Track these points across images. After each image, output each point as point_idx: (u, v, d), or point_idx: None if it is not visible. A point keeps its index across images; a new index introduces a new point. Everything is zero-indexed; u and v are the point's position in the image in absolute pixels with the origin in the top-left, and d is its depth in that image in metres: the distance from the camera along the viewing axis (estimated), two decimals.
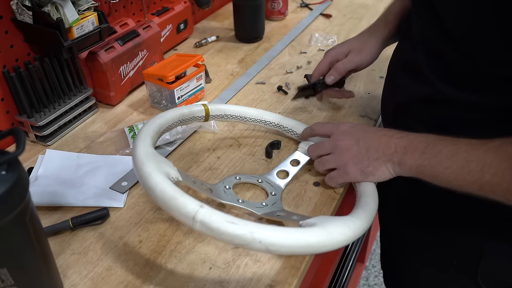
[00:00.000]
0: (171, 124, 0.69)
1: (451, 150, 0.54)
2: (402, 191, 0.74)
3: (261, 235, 0.47)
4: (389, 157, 0.60)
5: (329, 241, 0.50)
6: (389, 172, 0.61)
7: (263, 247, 0.47)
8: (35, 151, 0.81)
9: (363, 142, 0.63)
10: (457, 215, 0.66)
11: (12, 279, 0.46)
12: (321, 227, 0.51)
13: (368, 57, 0.81)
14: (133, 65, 0.95)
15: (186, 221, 0.48)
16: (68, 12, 0.77)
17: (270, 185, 0.70)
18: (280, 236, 0.48)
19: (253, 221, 0.49)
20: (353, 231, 0.52)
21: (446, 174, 0.54)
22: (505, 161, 0.50)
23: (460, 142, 0.54)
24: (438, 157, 0.55)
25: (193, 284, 0.57)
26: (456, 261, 0.68)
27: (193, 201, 0.48)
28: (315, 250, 0.50)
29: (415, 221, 0.73)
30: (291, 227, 0.50)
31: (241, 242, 0.47)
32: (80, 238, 0.63)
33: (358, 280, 1.67)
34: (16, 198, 0.44)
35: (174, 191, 0.49)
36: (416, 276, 0.78)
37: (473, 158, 0.52)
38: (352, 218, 0.54)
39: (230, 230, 0.47)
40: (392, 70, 0.75)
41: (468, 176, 0.52)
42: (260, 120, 0.81)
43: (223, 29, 1.27)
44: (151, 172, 0.52)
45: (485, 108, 0.58)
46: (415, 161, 0.57)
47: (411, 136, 0.59)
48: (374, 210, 0.60)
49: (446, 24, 0.57)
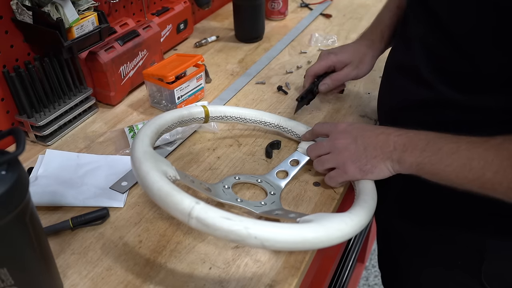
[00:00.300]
0: (170, 125, 0.70)
1: (452, 148, 0.54)
2: (401, 189, 0.74)
3: (256, 230, 0.47)
4: (388, 155, 0.60)
5: (326, 237, 0.50)
6: (388, 170, 0.61)
7: (259, 242, 0.47)
8: (35, 151, 0.81)
9: (360, 141, 0.63)
10: (458, 213, 0.66)
11: (12, 279, 0.46)
12: (318, 223, 0.51)
13: (364, 71, 0.83)
14: (133, 65, 0.95)
15: (182, 218, 0.48)
16: (68, 12, 0.77)
17: (269, 185, 0.70)
18: (275, 232, 0.48)
19: (249, 217, 0.49)
20: (350, 227, 0.52)
21: (447, 172, 0.54)
22: (506, 159, 0.50)
23: (461, 139, 0.54)
24: (438, 154, 0.55)
25: (193, 284, 0.57)
26: (461, 261, 0.68)
27: (189, 197, 0.49)
28: (311, 246, 0.50)
29: (415, 219, 0.73)
30: (288, 223, 0.50)
31: (236, 238, 0.47)
32: (80, 238, 0.63)
33: (358, 280, 1.67)
34: (16, 198, 0.44)
35: (170, 188, 0.50)
36: (417, 276, 0.77)
37: (475, 156, 0.52)
38: (349, 215, 0.54)
39: (226, 226, 0.47)
40: (388, 72, 0.75)
41: (469, 174, 0.52)
42: (260, 121, 0.81)
43: (223, 29, 1.27)
44: (148, 171, 0.52)
45: (485, 109, 0.58)
46: (415, 159, 0.57)
47: (410, 134, 0.59)
48: (373, 207, 0.59)
49: (447, 26, 0.57)
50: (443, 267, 0.71)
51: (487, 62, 0.55)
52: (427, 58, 0.62)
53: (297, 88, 0.99)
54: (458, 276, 0.70)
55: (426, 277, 0.75)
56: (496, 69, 0.55)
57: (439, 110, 0.62)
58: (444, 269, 0.71)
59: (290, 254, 0.60)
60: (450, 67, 0.60)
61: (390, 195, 0.77)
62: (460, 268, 0.69)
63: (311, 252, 0.61)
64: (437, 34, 0.60)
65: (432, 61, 0.62)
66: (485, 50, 0.55)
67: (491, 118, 0.58)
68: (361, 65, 0.82)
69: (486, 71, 0.56)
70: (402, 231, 0.77)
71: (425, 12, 0.61)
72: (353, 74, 0.83)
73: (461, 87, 0.59)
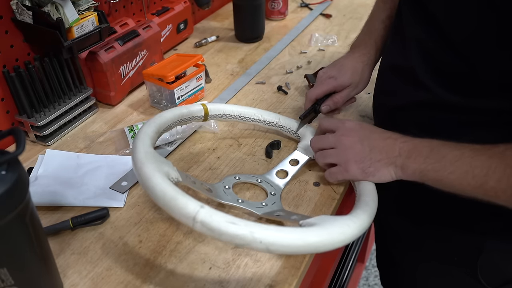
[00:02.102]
0: (170, 124, 0.69)
1: (455, 156, 0.54)
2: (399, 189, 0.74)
3: (261, 235, 0.47)
4: (392, 160, 0.60)
5: (330, 241, 0.50)
6: (390, 175, 0.61)
7: (264, 247, 0.47)
8: (35, 151, 0.81)
9: (367, 142, 0.63)
10: (455, 213, 0.66)
11: (12, 279, 0.46)
12: (321, 227, 0.51)
13: (363, 87, 0.84)
14: (133, 65, 0.95)
15: (187, 222, 0.48)
16: (68, 12, 0.77)
17: (269, 184, 0.70)
18: (280, 236, 0.48)
19: (254, 221, 0.49)
20: (353, 230, 0.52)
21: (450, 179, 0.55)
22: (509, 167, 0.50)
23: (465, 147, 0.55)
24: (442, 162, 0.55)
25: (193, 284, 0.57)
26: (457, 257, 0.69)
27: (193, 201, 0.48)
28: (315, 250, 0.50)
29: (412, 218, 0.74)
30: (292, 227, 0.50)
31: (241, 242, 0.47)
32: (80, 238, 0.63)
33: (358, 280, 1.67)
34: (16, 198, 0.44)
35: (174, 191, 0.49)
36: (413, 271, 0.78)
37: (478, 163, 0.52)
38: (352, 218, 0.54)
39: (231, 230, 0.47)
40: (382, 72, 0.76)
41: (473, 181, 0.52)
42: (259, 119, 0.81)
43: (223, 29, 1.27)
44: (151, 173, 0.52)
45: (482, 111, 0.58)
46: (419, 166, 0.58)
47: (415, 141, 0.60)
48: (374, 210, 0.60)
49: (446, 30, 0.57)
50: (439, 261, 0.72)
51: (486, 66, 0.55)
52: (423, 60, 0.62)
53: (297, 88, 0.99)
54: (454, 271, 0.70)
55: (422, 272, 0.75)
56: (495, 73, 0.55)
57: (435, 111, 0.63)
58: (439, 264, 0.72)
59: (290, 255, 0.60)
60: (447, 69, 0.60)
61: (388, 194, 0.77)
62: (455, 264, 0.69)
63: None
64: (434, 37, 0.60)
65: (428, 62, 0.62)
66: (485, 54, 0.55)
67: (488, 119, 0.58)
68: (361, 83, 0.82)
69: (484, 75, 0.56)
70: (398, 228, 0.78)
71: (423, 14, 0.61)
72: (354, 93, 0.83)
73: (458, 89, 0.59)
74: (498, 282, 0.66)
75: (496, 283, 0.66)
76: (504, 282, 0.66)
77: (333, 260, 1.07)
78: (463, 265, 0.68)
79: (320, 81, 0.82)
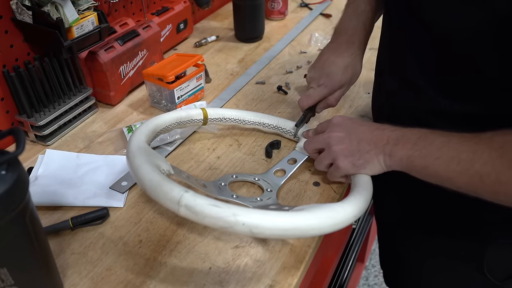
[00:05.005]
0: (168, 125, 0.70)
1: (442, 142, 0.55)
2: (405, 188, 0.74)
3: (244, 217, 0.47)
4: (381, 149, 0.60)
5: (317, 225, 0.50)
6: (380, 165, 0.61)
7: (247, 229, 0.47)
8: (35, 151, 0.81)
9: (355, 135, 0.63)
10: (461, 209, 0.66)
11: (12, 279, 0.46)
12: (309, 211, 0.51)
13: (356, 80, 0.81)
14: (133, 65, 0.95)
15: (172, 206, 0.49)
16: (68, 12, 0.77)
17: (266, 182, 0.70)
18: (263, 218, 0.48)
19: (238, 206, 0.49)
20: (342, 216, 0.52)
21: (435, 165, 0.55)
22: (495, 150, 0.50)
23: (453, 135, 0.55)
24: (429, 148, 0.55)
25: (193, 284, 0.57)
26: (463, 252, 0.69)
27: (178, 187, 0.49)
28: (302, 233, 0.50)
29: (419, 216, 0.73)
30: (278, 211, 0.50)
31: (224, 224, 0.47)
32: (80, 238, 0.63)
33: (358, 280, 1.67)
34: (16, 198, 0.44)
35: (160, 178, 0.51)
36: (419, 268, 0.77)
37: (464, 148, 0.52)
38: (342, 204, 0.54)
39: (214, 212, 0.47)
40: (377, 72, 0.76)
41: (458, 167, 0.52)
42: (259, 122, 0.81)
43: (223, 29, 1.27)
44: (140, 164, 0.54)
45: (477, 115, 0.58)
46: (406, 152, 0.58)
47: (404, 129, 0.60)
48: (367, 198, 0.59)
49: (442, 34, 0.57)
50: (446, 257, 0.72)
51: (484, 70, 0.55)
52: (418, 62, 0.62)
53: (297, 88, 0.99)
54: (460, 266, 0.70)
55: (428, 268, 0.75)
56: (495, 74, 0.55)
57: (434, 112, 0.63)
58: (447, 259, 0.72)
59: (290, 254, 0.60)
60: (442, 73, 0.60)
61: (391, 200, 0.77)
62: (462, 259, 0.69)
63: (311, 252, 0.61)
64: (429, 41, 0.60)
65: (422, 66, 0.62)
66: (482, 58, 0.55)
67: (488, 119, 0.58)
68: (354, 77, 0.80)
69: (480, 78, 0.56)
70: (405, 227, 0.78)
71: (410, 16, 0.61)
72: (348, 89, 0.81)
73: (452, 93, 0.59)
74: (505, 277, 0.66)
75: (503, 277, 0.66)
76: (510, 276, 0.66)
77: (333, 260, 1.07)
78: (470, 260, 0.68)
79: (313, 89, 0.80)
